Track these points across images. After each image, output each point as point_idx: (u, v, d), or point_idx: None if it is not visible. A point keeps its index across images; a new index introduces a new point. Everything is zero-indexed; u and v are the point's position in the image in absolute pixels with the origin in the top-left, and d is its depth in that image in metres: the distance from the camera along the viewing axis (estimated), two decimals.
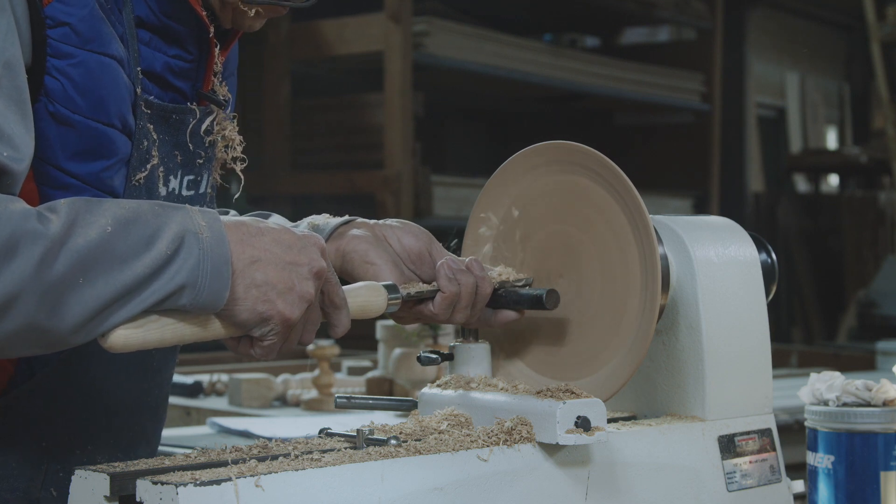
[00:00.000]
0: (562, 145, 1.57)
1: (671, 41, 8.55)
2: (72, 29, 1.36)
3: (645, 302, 1.48)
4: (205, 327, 1.30)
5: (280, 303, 1.30)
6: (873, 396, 1.69)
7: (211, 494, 1.17)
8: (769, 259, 1.67)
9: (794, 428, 3.07)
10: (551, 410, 1.36)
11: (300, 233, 1.35)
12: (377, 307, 1.45)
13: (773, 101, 10.05)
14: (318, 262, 1.34)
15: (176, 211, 1.29)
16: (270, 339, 1.32)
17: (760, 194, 9.32)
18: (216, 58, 1.53)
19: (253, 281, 1.29)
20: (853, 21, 9.91)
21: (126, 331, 1.26)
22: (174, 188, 1.53)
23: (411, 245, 1.57)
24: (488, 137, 8.00)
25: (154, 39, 1.48)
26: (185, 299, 1.27)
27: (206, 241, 1.27)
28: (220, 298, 1.28)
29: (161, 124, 1.49)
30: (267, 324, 1.31)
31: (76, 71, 1.37)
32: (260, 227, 1.33)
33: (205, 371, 3.77)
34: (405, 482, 1.28)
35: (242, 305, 1.29)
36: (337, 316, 1.39)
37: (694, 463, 1.52)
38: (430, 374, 3.17)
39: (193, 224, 1.28)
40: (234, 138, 1.58)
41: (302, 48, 6.02)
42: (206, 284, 1.27)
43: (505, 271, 1.58)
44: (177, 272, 1.26)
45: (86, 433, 1.50)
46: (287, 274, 1.31)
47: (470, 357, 1.54)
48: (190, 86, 1.53)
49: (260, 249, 1.31)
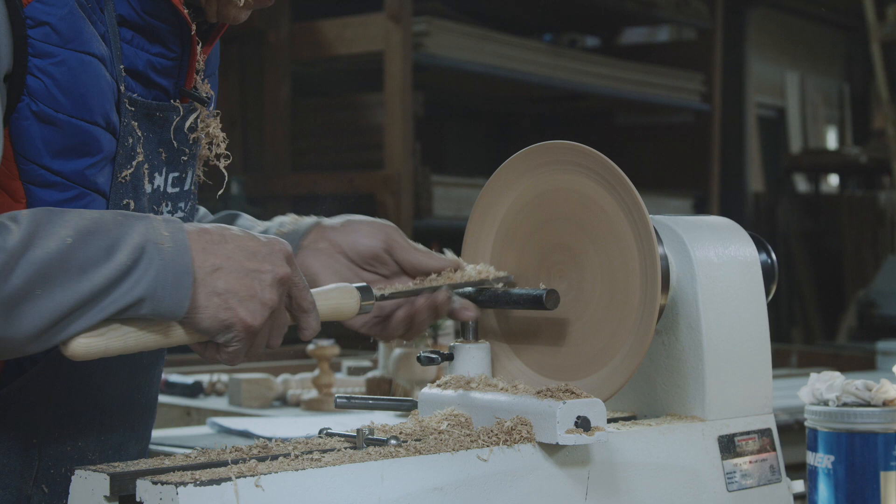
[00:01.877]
0: (562, 145, 1.57)
1: (671, 41, 8.55)
2: (52, 28, 1.37)
3: (645, 302, 1.48)
4: (167, 335, 1.32)
5: (242, 310, 1.32)
6: (873, 396, 1.69)
7: (211, 494, 1.17)
8: (769, 259, 1.67)
9: (794, 428, 3.08)
10: (551, 410, 1.36)
11: (265, 239, 1.37)
12: (349, 309, 1.46)
13: (773, 101, 10.05)
14: (282, 269, 1.35)
15: (139, 221, 1.31)
16: (234, 346, 1.34)
17: (760, 194, 9.32)
18: (198, 55, 1.54)
19: (214, 289, 1.31)
20: (853, 21, 9.91)
21: (87, 339, 1.28)
22: (159, 185, 1.54)
23: (365, 247, 1.62)
24: (488, 137, 8.00)
25: (136, 38, 1.49)
26: (146, 309, 1.29)
27: (168, 251, 1.29)
28: (180, 308, 1.30)
29: (145, 122, 1.50)
30: (230, 331, 1.33)
31: (58, 70, 1.38)
32: (224, 235, 1.34)
33: (205, 371, 3.77)
34: (405, 482, 1.28)
35: (204, 313, 1.31)
36: (305, 319, 1.41)
37: (694, 463, 1.52)
38: (430, 374, 3.17)
39: (155, 234, 1.30)
40: (217, 135, 1.59)
41: (302, 48, 6.02)
42: (166, 294, 1.29)
43: (484, 269, 1.59)
44: (136, 282, 1.28)
45: (76, 430, 1.51)
46: (249, 281, 1.33)
47: (470, 357, 1.54)
48: (173, 83, 1.54)
49: (222, 257, 1.33)
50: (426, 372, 3.23)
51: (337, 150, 6.09)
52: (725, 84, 7.87)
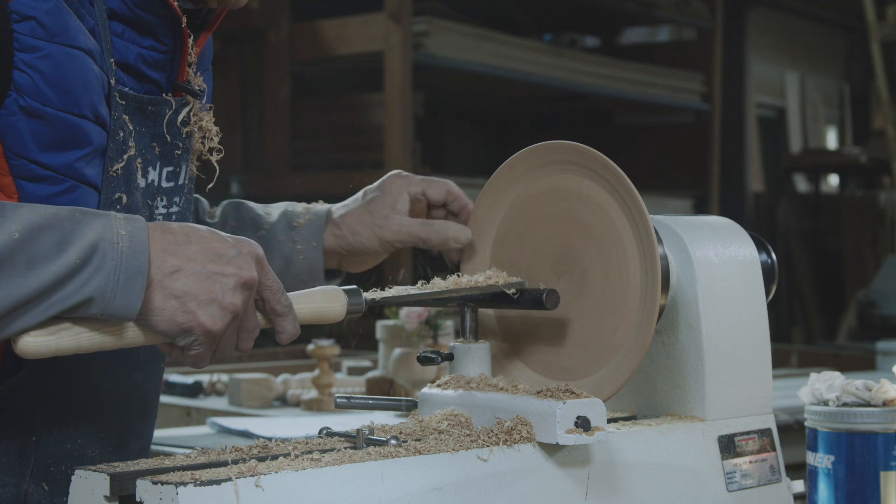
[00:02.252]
0: (562, 145, 1.57)
1: (671, 41, 8.55)
2: (38, 22, 1.37)
3: (645, 302, 1.48)
4: (121, 336, 1.29)
5: (201, 314, 1.29)
6: (873, 396, 1.69)
7: (211, 494, 1.17)
8: (769, 259, 1.67)
9: (794, 428, 3.08)
10: (551, 410, 1.36)
11: (233, 240, 1.33)
12: (335, 313, 1.42)
13: (773, 101, 10.05)
14: (247, 272, 1.32)
15: (97, 218, 1.28)
16: (196, 349, 1.32)
17: (760, 194, 9.32)
18: (190, 48, 1.54)
19: (172, 291, 1.29)
20: (853, 21, 9.91)
21: (36, 338, 1.25)
22: (153, 179, 1.53)
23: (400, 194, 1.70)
24: (488, 137, 7.99)
25: (127, 31, 1.49)
26: (95, 309, 1.26)
27: (123, 250, 1.26)
28: (131, 309, 1.27)
29: (137, 115, 1.49)
30: (189, 334, 1.30)
31: (44, 64, 1.37)
32: (188, 235, 1.31)
33: (205, 371, 3.77)
34: (405, 482, 1.28)
35: (160, 316, 1.29)
36: (280, 323, 1.37)
37: (694, 463, 1.52)
38: (430, 374, 3.17)
39: (111, 233, 1.27)
40: (210, 129, 1.58)
41: (302, 48, 6.02)
42: (116, 295, 1.26)
43: (495, 275, 1.56)
44: (86, 281, 1.25)
45: (74, 426, 1.51)
46: (210, 284, 1.30)
47: (470, 357, 1.54)
48: (165, 77, 1.53)
49: (183, 258, 1.30)
50: (426, 372, 3.24)
51: (337, 150, 6.09)
52: (725, 84, 7.88)
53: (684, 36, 8.35)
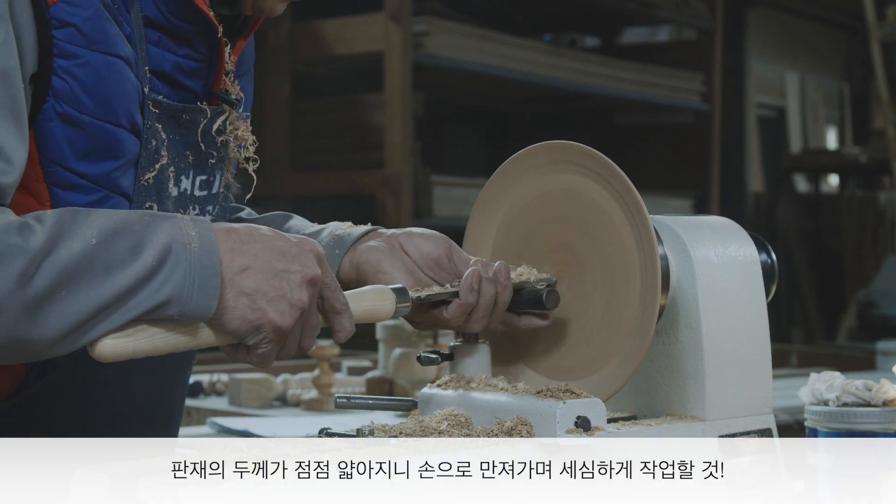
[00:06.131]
0: (562, 145, 1.57)
1: (671, 41, 8.54)
2: (77, 30, 1.36)
3: (645, 302, 1.48)
4: (195, 336, 1.30)
5: (271, 311, 1.30)
6: (873, 396, 1.69)
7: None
8: (769, 259, 1.67)
9: (794, 428, 3.07)
10: (551, 410, 1.36)
11: (295, 239, 1.34)
12: (385, 311, 1.44)
13: (773, 101, 10.04)
14: (312, 269, 1.33)
15: (165, 221, 1.29)
16: (264, 347, 1.32)
17: (760, 194, 9.31)
18: (227, 57, 1.53)
19: (243, 289, 1.29)
20: (853, 21, 9.91)
21: (114, 340, 1.26)
22: (186, 188, 1.52)
23: (429, 251, 1.57)
24: (488, 137, 7.99)
25: (163, 39, 1.48)
26: (173, 310, 1.27)
27: (195, 251, 1.27)
28: (208, 309, 1.28)
29: (171, 124, 1.48)
30: (259, 332, 1.31)
31: (82, 71, 1.37)
32: (252, 234, 1.32)
33: (205, 371, 3.77)
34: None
35: (232, 314, 1.29)
36: (338, 321, 1.38)
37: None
38: (430, 374, 3.17)
39: (182, 234, 1.28)
40: (246, 138, 1.58)
41: (302, 48, 6.02)
42: (193, 295, 1.27)
43: (526, 271, 1.57)
44: (163, 283, 1.26)
45: (95, 435, 1.50)
46: (278, 282, 1.31)
47: (470, 357, 1.54)
48: (201, 85, 1.52)
49: (251, 257, 1.30)
50: (426, 372, 3.23)
51: (337, 150, 6.09)
52: (725, 84, 7.87)
53: (684, 36, 8.35)
